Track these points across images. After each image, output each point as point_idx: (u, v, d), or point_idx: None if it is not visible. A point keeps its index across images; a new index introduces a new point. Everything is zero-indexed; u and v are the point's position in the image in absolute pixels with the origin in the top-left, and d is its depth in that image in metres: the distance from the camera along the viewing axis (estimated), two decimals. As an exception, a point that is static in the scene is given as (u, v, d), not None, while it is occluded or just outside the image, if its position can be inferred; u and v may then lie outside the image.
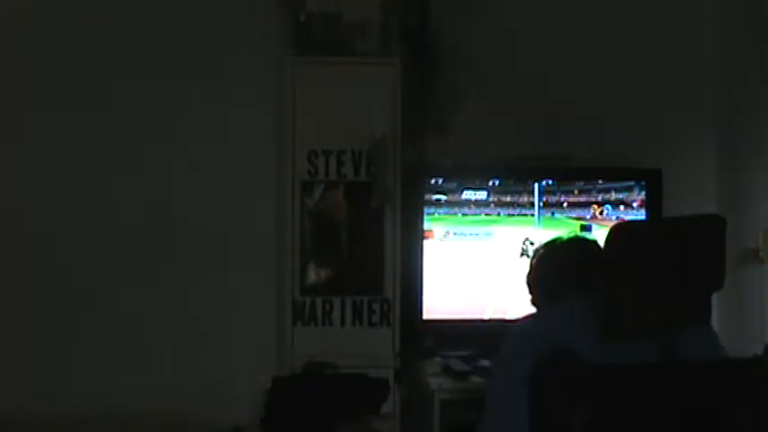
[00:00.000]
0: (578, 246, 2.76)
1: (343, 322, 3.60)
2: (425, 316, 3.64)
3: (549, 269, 2.70)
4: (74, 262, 3.70)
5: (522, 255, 3.66)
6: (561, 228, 3.62)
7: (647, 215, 3.74)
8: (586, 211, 3.74)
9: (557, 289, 2.61)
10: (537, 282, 2.72)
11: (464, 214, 3.68)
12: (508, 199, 3.71)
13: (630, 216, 3.73)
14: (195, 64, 3.73)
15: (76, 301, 3.70)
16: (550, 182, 3.73)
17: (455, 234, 3.68)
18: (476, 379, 3.34)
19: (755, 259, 3.63)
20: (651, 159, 3.84)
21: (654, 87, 3.95)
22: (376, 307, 3.60)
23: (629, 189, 3.78)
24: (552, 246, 2.79)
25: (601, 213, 3.75)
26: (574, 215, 3.73)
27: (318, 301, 3.60)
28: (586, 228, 3.71)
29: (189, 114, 3.75)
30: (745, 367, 2.29)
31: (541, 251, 2.79)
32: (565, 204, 3.74)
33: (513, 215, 3.71)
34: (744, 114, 3.81)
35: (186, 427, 3.59)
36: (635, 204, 3.77)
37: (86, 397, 3.65)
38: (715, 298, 2.42)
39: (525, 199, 3.72)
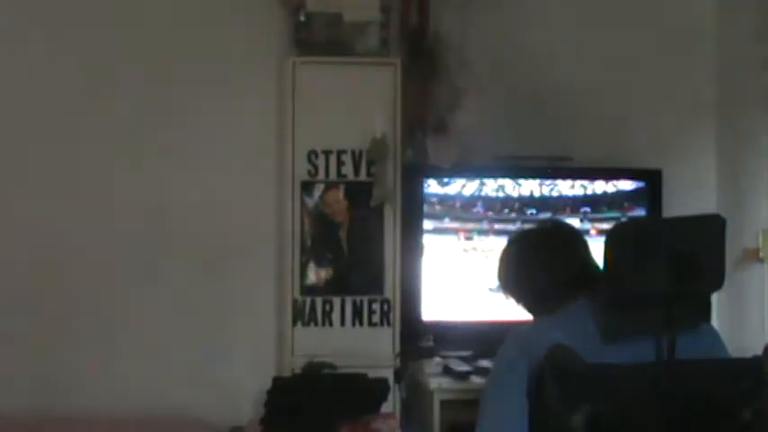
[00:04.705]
0: (543, 227, 2.74)
1: (343, 322, 3.60)
2: (425, 316, 3.64)
3: (522, 255, 2.63)
4: (74, 262, 3.70)
5: None
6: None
7: (647, 215, 3.74)
8: (595, 211, 3.74)
9: (531, 273, 2.55)
10: (514, 273, 2.64)
11: (464, 214, 3.68)
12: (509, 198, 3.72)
13: (630, 216, 3.73)
14: (195, 64, 3.73)
15: (76, 301, 3.70)
16: (550, 182, 3.73)
17: (456, 234, 3.68)
18: (476, 379, 3.34)
19: (755, 259, 3.63)
20: (651, 159, 3.84)
21: (654, 87, 3.96)
22: (376, 307, 3.60)
23: (629, 189, 3.77)
24: (517, 235, 2.74)
25: (601, 214, 3.74)
26: (573, 215, 3.73)
27: (318, 301, 3.60)
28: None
29: (189, 114, 3.75)
30: (745, 367, 2.29)
31: (507, 244, 2.71)
32: (564, 204, 3.74)
33: (513, 215, 3.71)
34: (744, 114, 3.81)
35: (186, 427, 3.59)
36: (635, 204, 3.77)
37: (86, 397, 3.65)
38: (715, 298, 2.43)
39: (525, 199, 3.72)
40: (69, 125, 3.71)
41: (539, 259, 2.56)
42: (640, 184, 3.77)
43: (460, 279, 3.68)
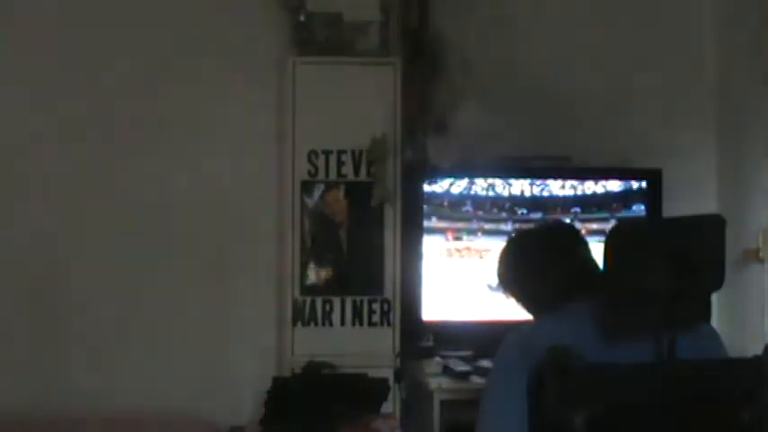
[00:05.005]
0: (543, 227, 2.73)
1: (343, 322, 3.60)
2: (425, 316, 3.64)
3: (522, 255, 2.64)
4: (74, 262, 3.71)
5: None
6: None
7: (646, 215, 3.74)
8: (586, 211, 3.74)
9: (534, 274, 2.56)
10: (513, 273, 2.64)
11: (464, 214, 3.69)
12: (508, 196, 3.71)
13: (630, 216, 3.73)
14: (195, 64, 3.73)
15: (77, 301, 3.70)
16: (550, 182, 3.73)
17: (455, 233, 3.68)
18: (476, 379, 3.34)
19: (755, 259, 3.63)
20: (651, 159, 3.84)
21: (654, 87, 3.95)
22: (376, 307, 3.60)
23: (629, 189, 3.78)
24: (517, 235, 2.74)
25: (590, 214, 3.74)
26: (564, 215, 3.72)
27: (318, 301, 3.60)
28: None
29: (189, 114, 3.75)
30: (745, 367, 2.29)
31: (506, 244, 2.72)
32: (555, 204, 3.74)
33: (514, 215, 3.71)
34: (744, 114, 3.81)
35: (186, 428, 3.59)
36: (635, 204, 3.77)
37: (86, 397, 3.64)
38: (715, 298, 2.42)
39: (516, 198, 3.72)
40: (69, 125, 3.71)
41: (538, 259, 2.56)
42: (640, 184, 3.77)
43: (453, 279, 3.67)
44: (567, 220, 3.66)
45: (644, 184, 3.78)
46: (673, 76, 3.97)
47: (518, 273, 2.60)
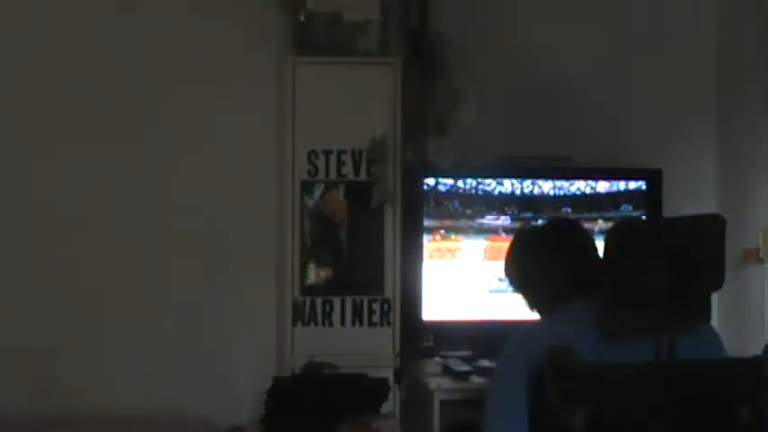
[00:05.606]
0: (548, 225, 2.74)
1: (343, 322, 3.60)
2: (425, 316, 3.64)
3: (523, 254, 2.66)
4: (74, 262, 3.70)
5: None
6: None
7: (647, 215, 3.74)
8: (586, 211, 3.74)
9: (536, 273, 2.57)
10: (515, 271, 2.65)
11: (464, 213, 3.68)
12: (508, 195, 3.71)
13: (630, 216, 3.73)
14: (195, 64, 3.73)
15: (77, 301, 3.69)
16: (550, 182, 3.73)
17: (455, 233, 3.68)
18: (476, 379, 3.35)
19: (755, 259, 3.63)
20: (651, 159, 3.84)
21: (654, 87, 3.96)
22: (376, 307, 3.60)
23: (629, 189, 3.78)
24: (521, 232, 2.75)
25: (601, 213, 3.74)
26: (574, 215, 3.72)
27: (318, 301, 3.60)
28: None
29: (189, 114, 3.75)
30: (745, 367, 2.29)
31: (511, 241, 2.73)
32: (565, 204, 3.74)
33: (514, 215, 3.71)
34: (744, 114, 3.82)
35: (186, 428, 3.59)
36: (623, 205, 3.77)
37: (86, 397, 3.64)
38: (715, 298, 2.42)
39: (525, 199, 3.71)
40: (69, 125, 3.71)
41: (539, 259, 2.56)
42: (640, 184, 3.77)
43: (461, 279, 3.68)
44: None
45: (637, 184, 3.78)
46: (673, 76, 3.97)
47: (519, 272, 2.61)
